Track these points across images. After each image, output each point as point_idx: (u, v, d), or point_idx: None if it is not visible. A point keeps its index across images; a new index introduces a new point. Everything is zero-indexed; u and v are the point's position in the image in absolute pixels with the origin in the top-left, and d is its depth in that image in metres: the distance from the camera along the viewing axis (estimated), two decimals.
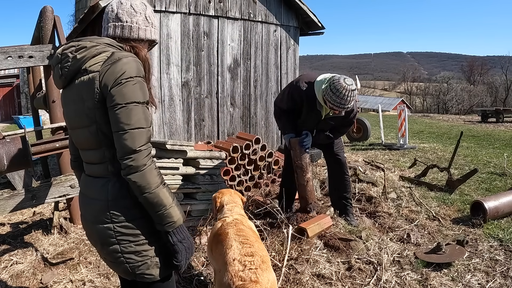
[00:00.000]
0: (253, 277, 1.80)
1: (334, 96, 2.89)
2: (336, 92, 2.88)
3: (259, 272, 1.84)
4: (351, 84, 2.90)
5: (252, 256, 1.92)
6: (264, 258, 1.95)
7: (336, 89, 2.88)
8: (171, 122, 5.16)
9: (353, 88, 2.90)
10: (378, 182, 4.83)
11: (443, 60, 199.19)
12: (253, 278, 1.80)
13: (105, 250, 1.41)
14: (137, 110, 1.29)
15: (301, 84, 3.22)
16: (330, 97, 2.92)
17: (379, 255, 2.96)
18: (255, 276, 1.81)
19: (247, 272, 1.83)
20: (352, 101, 2.93)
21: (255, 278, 1.80)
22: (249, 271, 1.84)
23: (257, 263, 1.89)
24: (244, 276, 1.81)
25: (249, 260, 1.89)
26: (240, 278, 1.80)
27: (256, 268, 1.86)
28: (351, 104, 2.96)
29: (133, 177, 1.28)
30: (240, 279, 1.79)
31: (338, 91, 2.87)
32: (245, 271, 1.84)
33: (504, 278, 2.72)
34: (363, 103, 36.33)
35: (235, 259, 1.90)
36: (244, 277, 1.80)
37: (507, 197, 3.86)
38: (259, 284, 1.77)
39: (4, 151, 2.57)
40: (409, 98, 59.36)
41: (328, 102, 2.96)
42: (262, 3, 5.83)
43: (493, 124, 16.50)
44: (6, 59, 2.98)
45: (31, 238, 3.38)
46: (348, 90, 2.86)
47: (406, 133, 8.48)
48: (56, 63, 1.41)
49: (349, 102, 2.91)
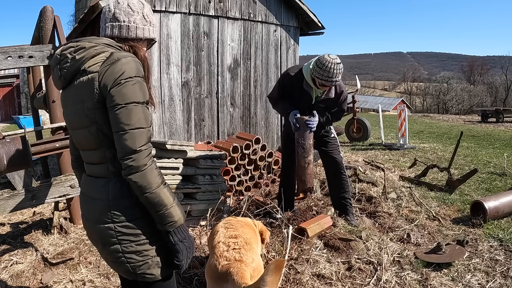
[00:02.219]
0: (237, 257, 1.87)
1: (321, 70, 3.03)
2: (322, 66, 3.02)
3: (242, 252, 1.92)
4: (336, 58, 3.04)
5: (236, 238, 2.02)
6: (247, 240, 2.03)
7: (322, 63, 3.03)
8: (171, 122, 5.16)
9: (338, 61, 3.03)
10: (378, 182, 4.83)
11: (443, 60, 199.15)
12: (237, 257, 1.87)
13: (106, 250, 1.41)
14: (137, 110, 1.28)
15: (290, 71, 3.39)
16: (317, 72, 3.05)
17: (379, 255, 2.96)
18: (239, 255, 1.89)
19: (232, 252, 1.91)
20: (339, 75, 3.05)
21: (239, 257, 1.87)
22: (233, 251, 1.91)
23: (241, 243, 1.97)
24: (229, 255, 1.89)
25: (233, 241, 1.99)
26: (225, 258, 1.87)
27: (239, 248, 1.94)
28: (338, 78, 3.06)
29: (134, 177, 1.28)
30: (225, 259, 1.86)
31: (324, 65, 3.01)
32: (229, 251, 1.92)
33: (504, 278, 2.72)
34: (363, 103, 36.31)
35: (220, 241, 2.00)
36: (229, 257, 1.88)
37: (507, 197, 3.86)
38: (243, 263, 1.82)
39: (4, 151, 2.57)
40: (409, 98, 59.35)
41: (317, 78, 3.09)
42: (262, 3, 5.83)
43: (493, 124, 16.49)
44: (6, 59, 2.98)
45: (31, 238, 3.37)
46: (333, 63, 3.00)
47: (406, 133, 8.48)
48: (55, 64, 1.40)
49: (336, 75, 3.03)
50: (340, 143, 3.98)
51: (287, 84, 3.37)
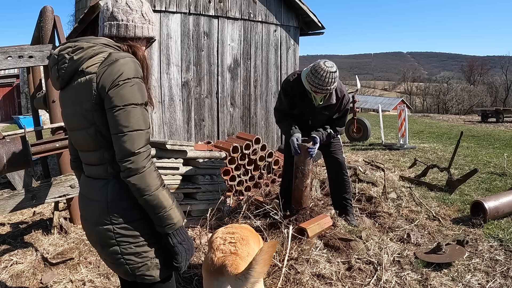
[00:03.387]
0: (232, 249, 1.90)
1: (314, 77, 2.99)
2: (315, 73, 2.99)
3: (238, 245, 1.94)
4: (331, 66, 2.99)
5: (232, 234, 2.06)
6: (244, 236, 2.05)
7: (315, 70, 2.99)
8: (171, 122, 5.16)
9: (333, 70, 2.97)
10: (378, 182, 4.83)
11: (443, 60, 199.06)
12: (233, 250, 1.90)
13: (105, 251, 1.41)
14: (135, 112, 1.27)
15: (290, 77, 3.36)
16: (311, 79, 3.02)
17: (379, 255, 2.96)
18: (235, 248, 1.91)
19: (227, 245, 1.93)
20: (332, 83, 2.99)
21: (234, 250, 1.90)
22: (229, 244, 1.94)
23: (237, 238, 2.00)
24: (224, 248, 1.91)
25: (229, 236, 2.02)
26: (221, 251, 1.89)
27: (235, 242, 1.96)
28: (331, 86, 3.02)
29: (133, 180, 1.27)
30: (221, 252, 1.88)
31: (317, 72, 2.97)
32: (225, 244, 1.94)
33: (504, 278, 2.72)
34: (363, 103, 36.33)
35: (218, 237, 2.04)
36: (224, 250, 1.90)
37: (507, 197, 3.86)
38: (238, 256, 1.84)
39: (4, 151, 2.57)
40: (409, 98, 59.36)
41: (310, 85, 3.05)
42: (262, 3, 5.83)
43: (493, 124, 16.49)
44: (6, 59, 2.98)
45: (31, 238, 3.37)
46: (326, 71, 2.95)
47: (406, 133, 8.48)
48: (53, 64, 1.39)
49: (329, 84, 2.98)
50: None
51: (288, 91, 3.33)
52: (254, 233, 2.35)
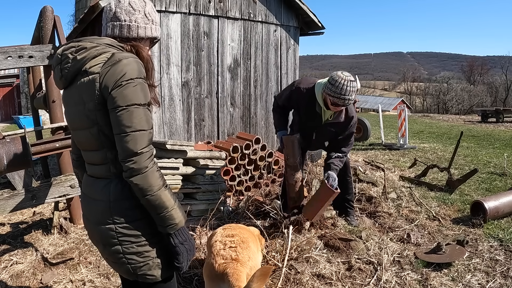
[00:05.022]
0: (233, 255, 1.90)
1: (333, 87, 2.90)
2: (335, 83, 2.90)
3: (239, 250, 1.94)
4: (349, 75, 2.93)
5: (232, 236, 2.05)
6: (244, 239, 2.05)
7: (334, 80, 2.91)
8: (171, 122, 5.16)
9: (352, 79, 2.91)
10: (378, 182, 4.83)
11: (443, 60, 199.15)
12: (234, 256, 1.89)
13: (107, 251, 1.41)
14: (138, 112, 1.27)
15: (302, 85, 3.26)
16: (330, 90, 2.92)
17: (379, 255, 2.96)
18: (235, 254, 1.91)
19: (228, 250, 1.93)
20: (352, 93, 2.91)
21: (235, 256, 1.90)
22: (230, 249, 1.94)
23: (237, 242, 2.00)
24: (225, 254, 1.91)
25: (229, 239, 2.01)
26: (222, 257, 1.89)
27: (235, 246, 1.96)
28: (351, 96, 2.92)
29: (135, 180, 1.27)
30: (222, 258, 1.88)
31: (337, 81, 2.89)
32: (225, 249, 1.94)
33: (504, 278, 2.72)
34: (363, 103, 36.34)
35: (217, 240, 2.03)
36: (225, 255, 1.90)
37: (507, 197, 3.86)
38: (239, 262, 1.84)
39: (4, 151, 2.57)
40: (409, 98, 59.38)
41: (328, 96, 2.95)
42: (262, 3, 5.83)
43: (493, 124, 16.50)
44: (6, 59, 2.98)
45: (31, 238, 3.37)
46: (346, 80, 2.88)
47: (406, 133, 8.49)
48: (56, 64, 1.39)
49: (349, 93, 2.89)
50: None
51: (295, 98, 3.27)
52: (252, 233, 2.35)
